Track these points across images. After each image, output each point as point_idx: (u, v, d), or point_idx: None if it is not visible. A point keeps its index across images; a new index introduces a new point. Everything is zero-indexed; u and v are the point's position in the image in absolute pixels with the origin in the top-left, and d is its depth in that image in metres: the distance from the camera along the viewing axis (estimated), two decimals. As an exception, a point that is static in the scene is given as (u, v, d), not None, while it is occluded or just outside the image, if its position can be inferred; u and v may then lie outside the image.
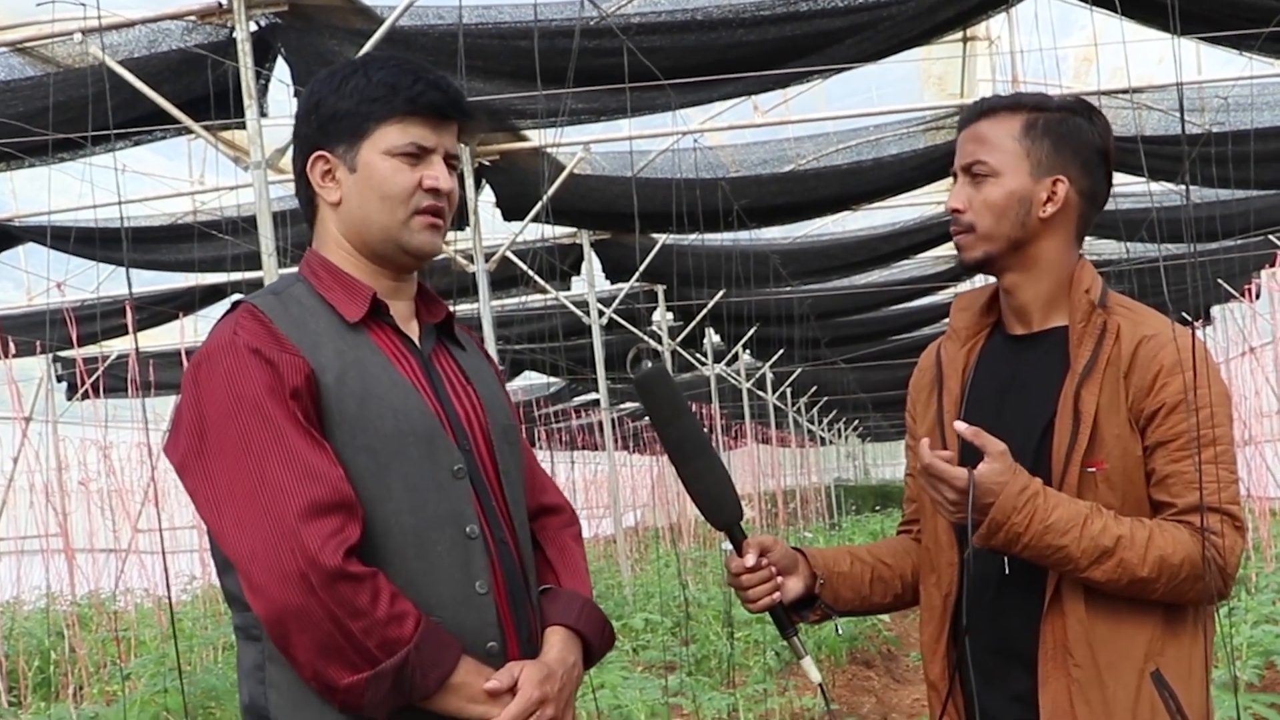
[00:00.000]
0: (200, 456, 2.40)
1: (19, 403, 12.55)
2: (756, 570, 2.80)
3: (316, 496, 2.33)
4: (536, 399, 25.67)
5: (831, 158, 11.63)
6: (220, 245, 11.24)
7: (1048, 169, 2.70)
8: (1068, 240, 2.75)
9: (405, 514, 2.45)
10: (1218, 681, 6.55)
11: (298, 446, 2.36)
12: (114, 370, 16.34)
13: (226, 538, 2.37)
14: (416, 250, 2.59)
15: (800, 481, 33.90)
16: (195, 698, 8.32)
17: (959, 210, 2.76)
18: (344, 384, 2.45)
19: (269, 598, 2.31)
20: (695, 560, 18.55)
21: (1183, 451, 2.58)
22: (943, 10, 7.93)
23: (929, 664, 2.84)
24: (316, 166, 2.59)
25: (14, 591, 15.11)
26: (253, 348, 2.41)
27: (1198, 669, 2.64)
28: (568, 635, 2.63)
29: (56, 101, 7.62)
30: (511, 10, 7.80)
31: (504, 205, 11.16)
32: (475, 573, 2.50)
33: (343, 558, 2.31)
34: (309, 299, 2.55)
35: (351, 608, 2.29)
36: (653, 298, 16.94)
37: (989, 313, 2.89)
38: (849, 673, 10.53)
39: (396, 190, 2.55)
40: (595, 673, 7.50)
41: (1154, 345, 2.62)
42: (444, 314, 2.74)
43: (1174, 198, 12.26)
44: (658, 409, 2.79)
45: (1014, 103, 2.75)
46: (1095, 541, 2.51)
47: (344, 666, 2.31)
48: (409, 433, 2.48)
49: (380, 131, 2.54)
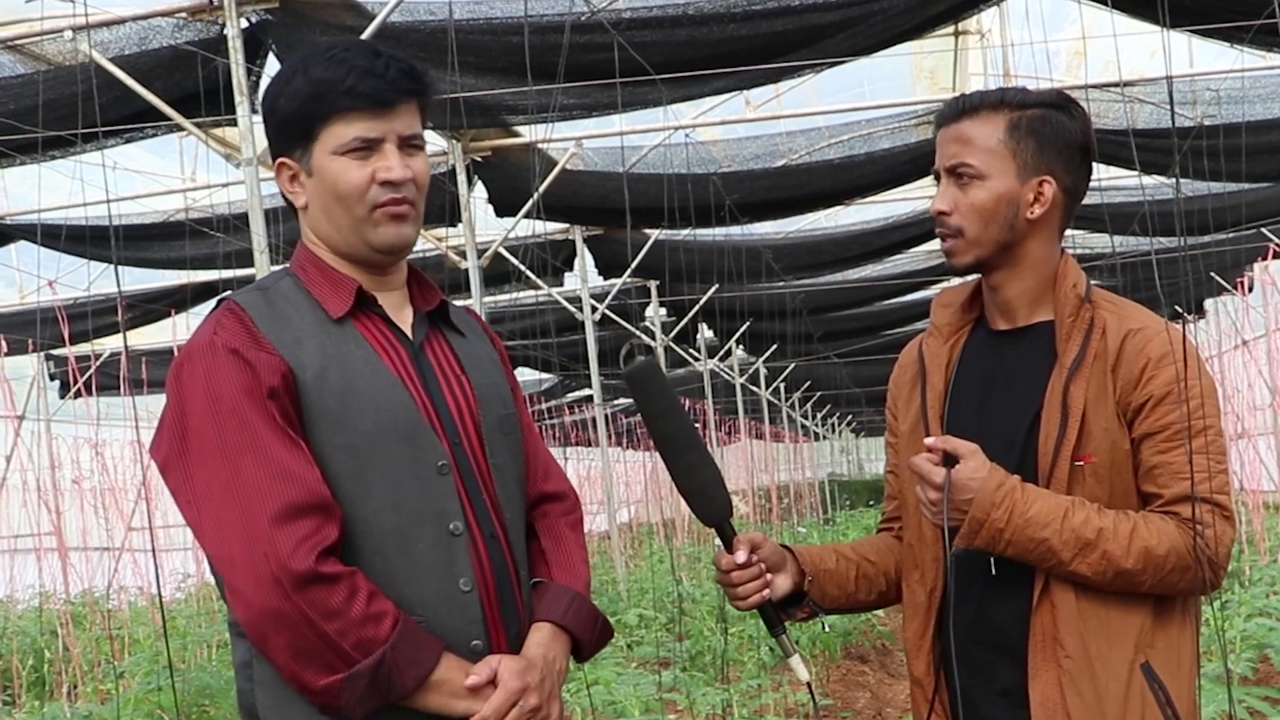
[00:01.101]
0: (182, 458, 2.40)
1: (11, 401, 12.53)
2: (747, 567, 2.78)
3: (291, 498, 2.32)
4: (530, 395, 25.65)
5: (823, 152, 11.62)
6: (212, 242, 11.22)
7: (1034, 169, 2.69)
8: (1052, 237, 2.75)
9: (386, 512, 2.44)
10: (1211, 674, 6.55)
11: (272, 448, 2.35)
12: (106, 368, 16.33)
13: (206, 540, 2.37)
14: (383, 246, 2.55)
15: (794, 477, 33.96)
16: (189, 696, 8.32)
17: (945, 213, 2.73)
18: (325, 381, 2.44)
19: (246, 601, 2.31)
20: (689, 556, 18.56)
21: (1170, 442, 2.57)
22: (934, 4, 7.92)
23: (913, 660, 2.83)
24: (282, 173, 2.57)
25: (8, 590, 15.13)
26: (231, 347, 2.40)
27: (1186, 661, 2.63)
28: (553, 631, 2.61)
29: (47, 99, 7.60)
30: (502, 6, 7.78)
31: (496, 201, 11.16)
32: (458, 570, 2.49)
33: (316, 560, 2.30)
34: (295, 294, 2.54)
35: (325, 609, 2.29)
36: (645, 293, 16.95)
37: (971, 308, 2.88)
38: (843, 668, 10.53)
39: (349, 190, 2.50)
40: (589, 669, 7.50)
41: (1141, 338, 2.62)
42: (437, 300, 2.70)
43: (1166, 191, 12.26)
44: (648, 404, 2.76)
45: (997, 100, 2.72)
46: (1077, 534, 2.51)
47: (320, 668, 2.31)
48: (390, 429, 2.46)
49: (326, 131, 2.49)
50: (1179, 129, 9.93)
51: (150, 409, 13.19)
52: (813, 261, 15.34)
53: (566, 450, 28.52)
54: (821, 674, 9.81)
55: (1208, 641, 7.19)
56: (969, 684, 2.69)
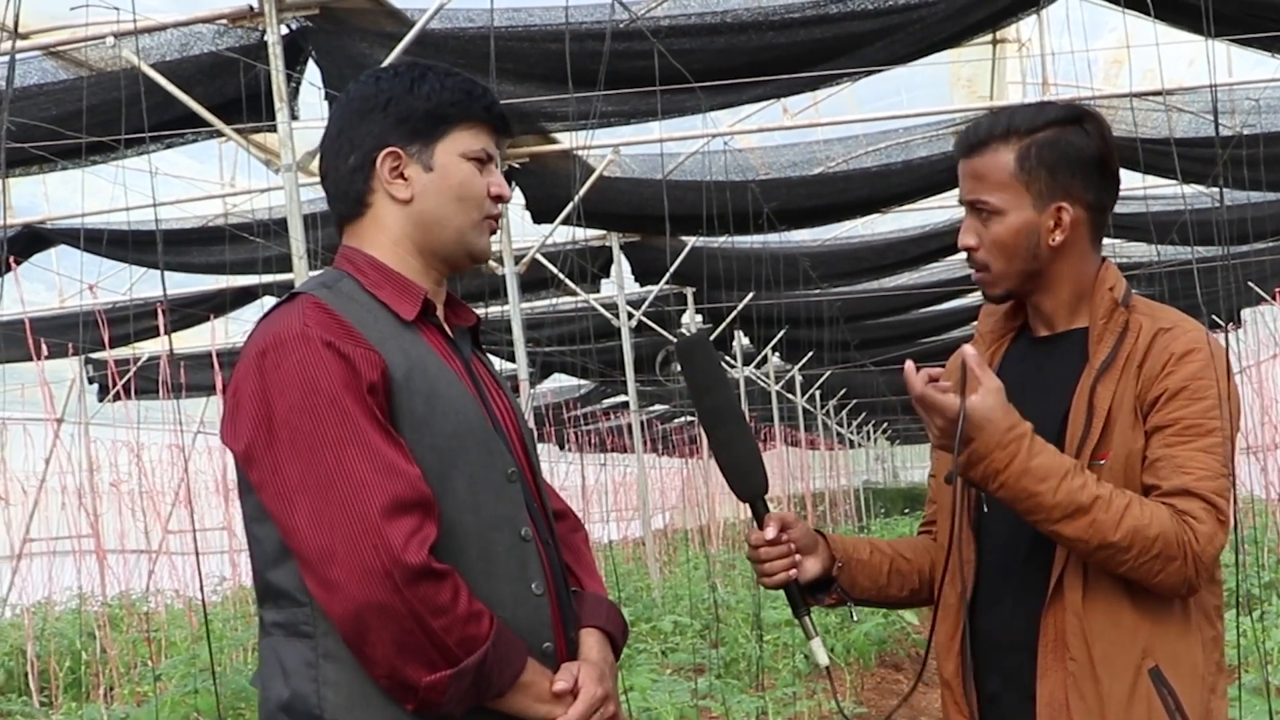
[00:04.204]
0: (270, 449, 2.36)
1: (51, 404, 12.62)
2: (776, 544, 2.80)
3: (398, 492, 2.32)
4: (566, 401, 25.67)
5: (861, 160, 11.62)
6: (251, 248, 11.28)
7: (1049, 197, 2.69)
8: (1084, 253, 2.75)
9: (468, 514, 2.46)
10: (1248, 686, 6.53)
11: (376, 442, 2.34)
12: (145, 372, 16.43)
13: (299, 533, 2.33)
14: (480, 253, 2.64)
15: (829, 484, 33.89)
16: (226, 698, 8.35)
17: (972, 248, 2.76)
18: (411, 381, 2.44)
19: (347, 595, 2.29)
20: (724, 563, 18.54)
21: (1179, 437, 2.56)
22: (973, 12, 7.91)
23: (943, 662, 2.84)
24: (386, 162, 2.56)
25: (46, 592, 15.19)
26: (325, 340, 2.37)
27: (1200, 667, 2.61)
28: (601, 636, 2.67)
29: (89, 105, 7.66)
30: (542, 13, 7.82)
31: (534, 208, 11.17)
32: (531, 574, 2.52)
33: (427, 554, 2.31)
34: (360, 295, 2.53)
35: (434, 605, 2.29)
36: (682, 300, 16.93)
37: (1015, 316, 2.89)
38: (878, 675, 10.51)
39: (476, 193, 2.59)
40: (625, 675, 7.51)
41: (1169, 336, 2.63)
42: (474, 319, 2.75)
43: (1206, 200, 12.21)
44: (696, 376, 2.82)
45: (1004, 131, 2.71)
46: (1072, 496, 2.48)
47: (424, 665, 2.31)
48: (469, 433, 2.49)
49: (456, 134, 2.57)
50: (1220, 138, 9.88)
51: (188, 412, 13.30)
52: (849, 269, 15.33)
53: (602, 457, 28.56)
54: (855, 681, 9.79)
55: (1246, 652, 7.16)
56: (999, 686, 2.71)
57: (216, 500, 14.76)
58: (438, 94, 2.56)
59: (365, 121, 2.58)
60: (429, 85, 2.57)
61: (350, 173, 2.60)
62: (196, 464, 12.69)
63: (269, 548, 2.44)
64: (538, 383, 20.65)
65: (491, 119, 2.61)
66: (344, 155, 2.60)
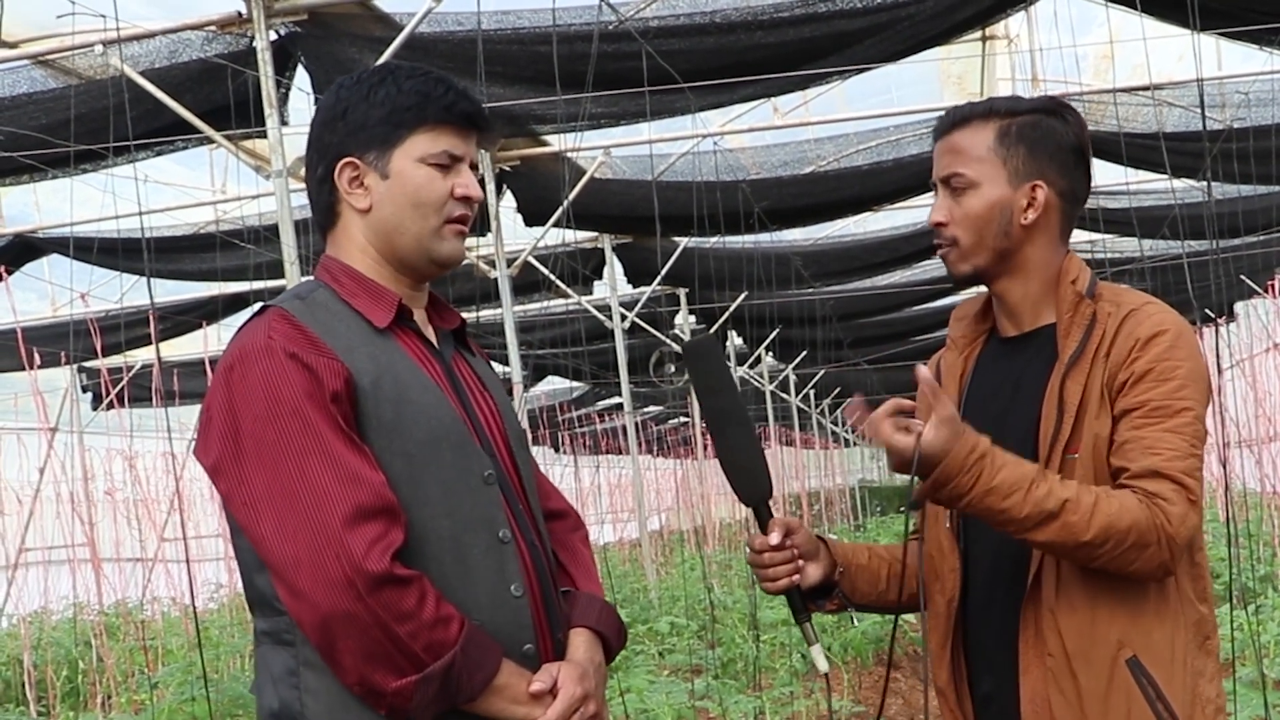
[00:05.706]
0: (237, 461, 2.38)
1: (44, 413, 12.59)
2: (780, 550, 2.80)
3: (360, 501, 2.33)
4: (560, 403, 25.68)
5: (852, 158, 11.62)
6: (242, 254, 11.27)
7: (1025, 175, 2.71)
8: (1052, 241, 2.76)
9: (442, 518, 2.46)
10: (1244, 679, 6.53)
11: (338, 450, 2.36)
12: (138, 380, 16.43)
13: (266, 543, 2.36)
14: (444, 259, 2.62)
15: (824, 483, 33.92)
16: (222, 706, 8.35)
17: (942, 224, 2.78)
18: (380, 389, 2.45)
19: (313, 604, 2.31)
20: (720, 564, 18.56)
21: (1145, 419, 2.55)
22: (961, 9, 7.92)
23: (936, 670, 2.84)
24: (344, 173, 2.57)
25: (42, 601, 15.19)
26: (289, 351, 2.40)
27: (1181, 653, 2.60)
28: (591, 636, 2.66)
29: (78, 113, 7.66)
30: (530, 15, 7.81)
31: (525, 210, 11.18)
32: (509, 576, 2.52)
33: (389, 562, 2.31)
34: (334, 304, 2.54)
35: (398, 611, 2.30)
36: (675, 301, 16.93)
37: (984, 319, 2.90)
38: (875, 674, 10.51)
39: (432, 198, 2.57)
40: (622, 676, 7.51)
41: (1134, 320, 2.63)
42: (458, 321, 2.76)
43: (1196, 194, 12.22)
44: (703, 378, 2.82)
45: (986, 110, 2.75)
46: (1039, 505, 2.47)
47: (391, 671, 2.32)
48: (442, 438, 2.49)
49: (413, 139, 2.55)
50: (1209, 132, 9.89)
51: (183, 420, 13.30)
52: (842, 268, 15.34)
53: (597, 459, 28.56)
54: (853, 680, 9.79)
55: (1242, 645, 7.16)
56: (991, 688, 2.72)
57: (211, 507, 14.77)
58: (392, 99, 2.56)
59: (328, 131, 2.60)
60: (385, 91, 2.56)
61: (318, 183, 2.62)
62: (191, 471, 12.66)
63: (248, 558, 2.47)
64: (531, 386, 20.64)
65: (453, 118, 2.58)
66: (313, 166, 2.62)
